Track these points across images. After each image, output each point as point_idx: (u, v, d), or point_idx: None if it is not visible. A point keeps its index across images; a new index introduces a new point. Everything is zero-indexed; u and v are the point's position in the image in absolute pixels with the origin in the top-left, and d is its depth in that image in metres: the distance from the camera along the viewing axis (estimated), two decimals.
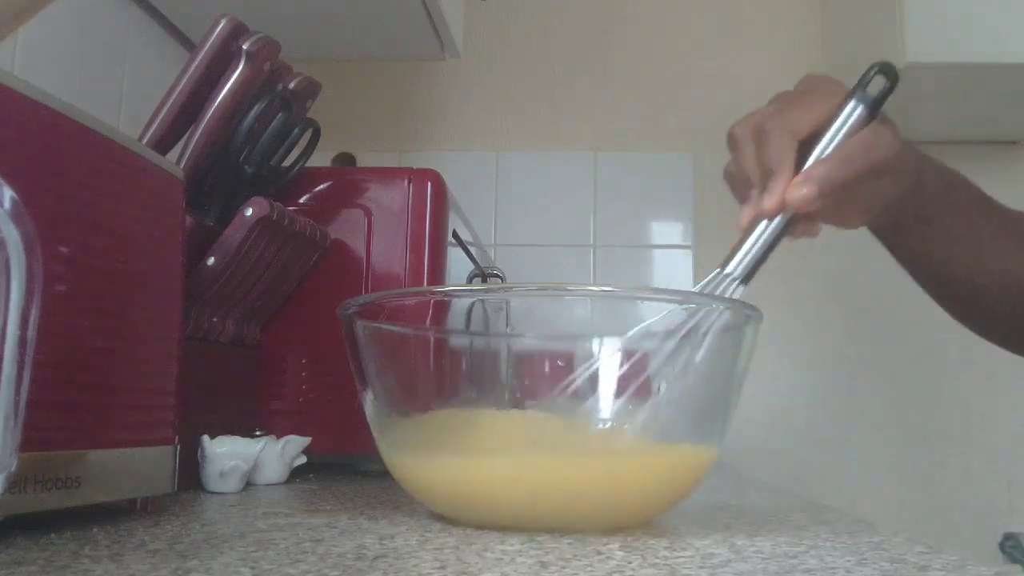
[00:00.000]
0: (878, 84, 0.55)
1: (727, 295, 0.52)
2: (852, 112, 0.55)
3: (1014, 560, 1.39)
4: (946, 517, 1.46)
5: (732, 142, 0.57)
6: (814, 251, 1.49)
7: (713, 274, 0.54)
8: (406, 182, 0.81)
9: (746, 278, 0.53)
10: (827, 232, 0.78)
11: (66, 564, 0.34)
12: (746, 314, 0.48)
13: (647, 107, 1.59)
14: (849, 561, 0.38)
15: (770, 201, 0.53)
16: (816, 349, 1.53)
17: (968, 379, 1.47)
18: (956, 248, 0.66)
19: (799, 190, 0.52)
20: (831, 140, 0.55)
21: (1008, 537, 1.41)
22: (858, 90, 0.56)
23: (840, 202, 0.56)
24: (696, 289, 0.53)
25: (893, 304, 0.80)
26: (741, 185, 0.57)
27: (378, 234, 0.80)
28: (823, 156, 0.55)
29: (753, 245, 0.54)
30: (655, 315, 0.48)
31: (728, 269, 0.53)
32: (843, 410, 1.51)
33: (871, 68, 0.56)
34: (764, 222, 0.54)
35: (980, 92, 1.34)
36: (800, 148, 0.55)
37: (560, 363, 0.47)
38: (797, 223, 0.55)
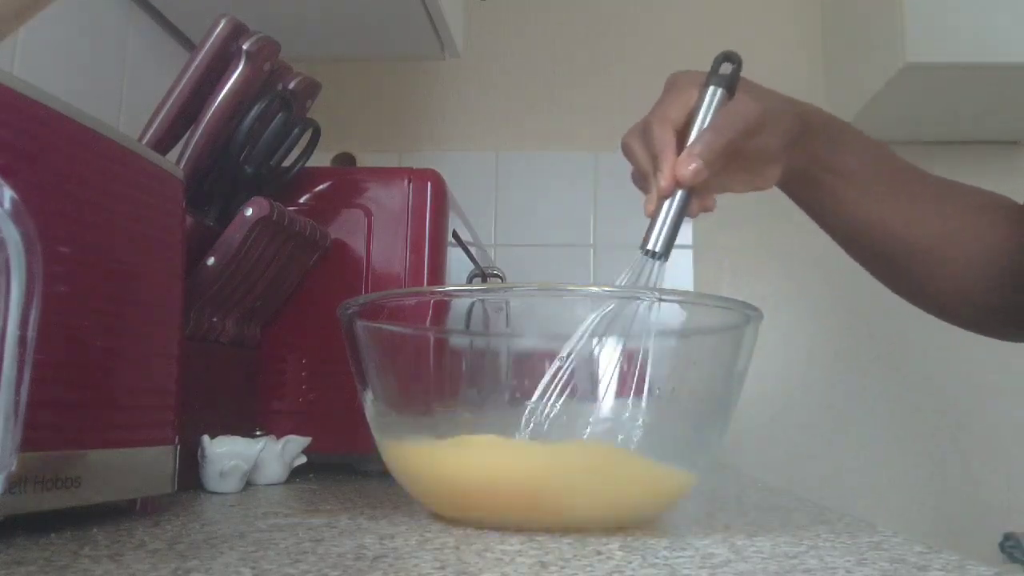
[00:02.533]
0: (727, 68, 0.61)
1: (654, 271, 0.58)
2: (713, 95, 0.61)
3: (1014, 560, 1.39)
4: (946, 517, 1.46)
5: (624, 148, 0.64)
6: (812, 250, 1.49)
7: (638, 257, 0.59)
8: (406, 182, 0.81)
9: (665, 252, 0.59)
10: (825, 232, 0.78)
11: (66, 564, 0.34)
12: (746, 314, 0.48)
13: (647, 107, 1.59)
14: (849, 561, 0.38)
15: (663, 180, 0.59)
16: (816, 349, 1.53)
17: (968, 379, 1.47)
18: (863, 199, 0.71)
19: (686, 165, 0.58)
20: (702, 120, 0.61)
21: (1008, 537, 1.41)
22: (712, 76, 0.62)
23: (736, 165, 0.63)
24: (627, 272, 0.58)
25: (893, 304, 0.80)
26: (642, 181, 0.63)
27: (378, 234, 0.80)
28: (698, 134, 0.61)
29: (664, 223, 0.60)
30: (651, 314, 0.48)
31: (649, 246, 0.59)
32: (843, 410, 1.51)
33: (717, 58, 0.62)
34: (667, 203, 0.60)
35: (980, 92, 1.34)
36: (680, 136, 0.61)
37: (560, 361, 0.47)
38: (693, 202, 0.61)
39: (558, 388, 0.46)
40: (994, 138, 1.53)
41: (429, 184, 0.81)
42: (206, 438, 0.63)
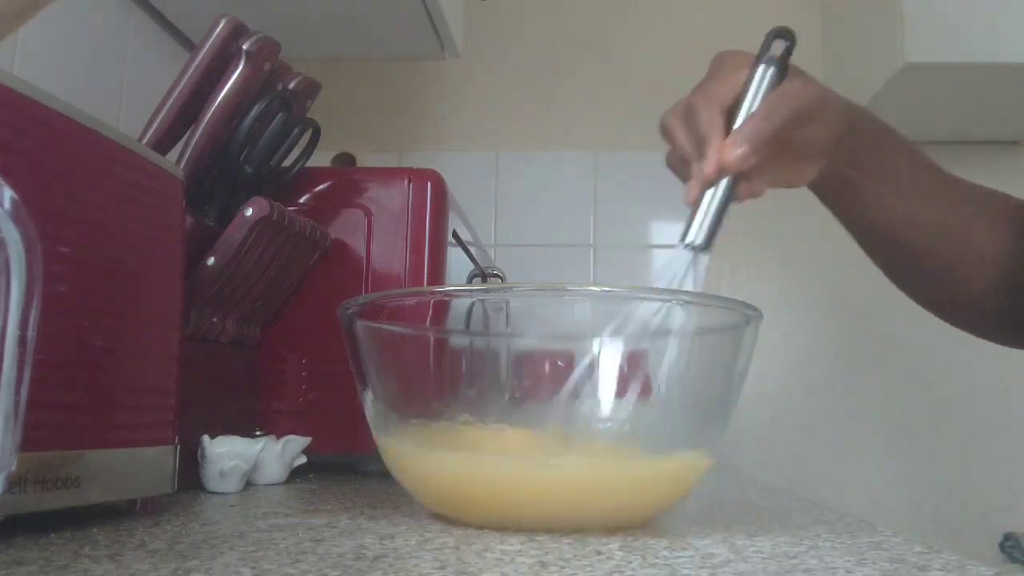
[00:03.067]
0: (780, 46, 0.58)
1: (696, 265, 0.54)
2: (764, 74, 0.58)
3: (1014, 560, 1.39)
4: (946, 517, 1.46)
5: (664, 129, 0.60)
6: (812, 250, 1.49)
7: (677, 248, 0.56)
8: (406, 182, 0.81)
9: (707, 245, 0.55)
10: (824, 232, 0.78)
11: (66, 564, 0.34)
12: (746, 314, 0.48)
13: (647, 107, 1.58)
14: (849, 561, 0.38)
15: (709, 167, 0.55)
16: (816, 349, 1.53)
17: (968, 379, 1.47)
18: (897, 204, 0.68)
19: (733, 150, 0.55)
20: (751, 102, 0.58)
21: (1008, 537, 1.41)
22: (763, 54, 0.58)
23: (777, 155, 0.59)
24: (663, 264, 0.55)
25: (894, 305, 0.80)
26: (682, 166, 0.59)
27: (378, 234, 0.80)
28: (747, 116, 0.57)
29: (706, 213, 0.56)
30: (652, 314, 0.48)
31: (689, 239, 0.55)
32: (843, 410, 1.51)
33: (769, 34, 0.58)
34: (711, 190, 0.56)
35: (980, 92, 1.34)
36: (727, 117, 0.57)
37: (560, 363, 0.47)
38: (740, 186, 0.57)
39: (566, 388, 0.46)
40: (994, 138, 1.53)
41: (429, 184, 0.81)
42: (206, 438, 0.63)
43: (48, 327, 0.30)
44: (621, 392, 0.46)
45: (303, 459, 0.72)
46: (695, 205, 0.56)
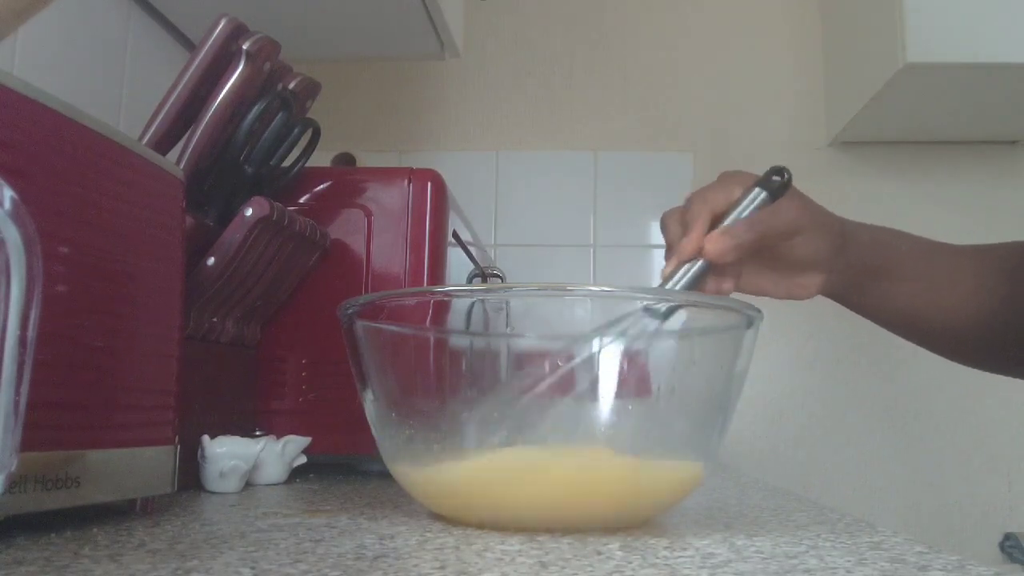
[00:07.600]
0: (776, 180, 0.64)
1: (648, 330, 0.53)
2: (757, 196, 0.64)
3: (1014, 560, 1.39)
4: (946, 517, 1.46)
5: (661, 223, 0.67)
6: None
7: (634, 311, 0.54)
8: (406, 182, 0.81)
9: (666, 315, 0.55)
10: None
11: (66, 564, 0.34)
12: (747, 315, 0.48)
13: (647, 107, 1.59)
14: (849, 561, 0.38)
15: (688, 244, 0.61)
16: (815, 349, 1.53)
17: (968, 378, 1.46)
18: (914, 295, 0.74)
19: (713, 239, 0.61)
20: (739, 213, 0.63)
21: (1008, 537, 1.41)
22: (760, 181, 0.64)
23: (770, 269, 0.67)
24: (616, 322, 0.53)
25: None
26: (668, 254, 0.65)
27: (378, 234, 0.80)
28: (733, 222, 0.63)
29: (675, 285, 0.62)
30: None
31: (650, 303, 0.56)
32: (843, 410, 1.51)
33: (769, 170, 0.64)
34: (683, 269, 0.62)
35: (980, 92, 1.34)
36: (715, 220, 0.63)
37: (560, 363, 0.47)
38: (709, 279, 0.63)
39: (559, 389, 0.46)
40: (994, 138, 1.52)
41: (429, 184, 0.81)
42: (206, 438, 0.63)
43: (48, 327, 0.30)
44: (621, 393, 0.46)
45: (303, 459, 0.72)
46: (666, 279, 0.62)
